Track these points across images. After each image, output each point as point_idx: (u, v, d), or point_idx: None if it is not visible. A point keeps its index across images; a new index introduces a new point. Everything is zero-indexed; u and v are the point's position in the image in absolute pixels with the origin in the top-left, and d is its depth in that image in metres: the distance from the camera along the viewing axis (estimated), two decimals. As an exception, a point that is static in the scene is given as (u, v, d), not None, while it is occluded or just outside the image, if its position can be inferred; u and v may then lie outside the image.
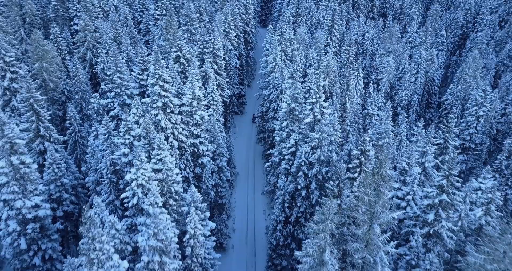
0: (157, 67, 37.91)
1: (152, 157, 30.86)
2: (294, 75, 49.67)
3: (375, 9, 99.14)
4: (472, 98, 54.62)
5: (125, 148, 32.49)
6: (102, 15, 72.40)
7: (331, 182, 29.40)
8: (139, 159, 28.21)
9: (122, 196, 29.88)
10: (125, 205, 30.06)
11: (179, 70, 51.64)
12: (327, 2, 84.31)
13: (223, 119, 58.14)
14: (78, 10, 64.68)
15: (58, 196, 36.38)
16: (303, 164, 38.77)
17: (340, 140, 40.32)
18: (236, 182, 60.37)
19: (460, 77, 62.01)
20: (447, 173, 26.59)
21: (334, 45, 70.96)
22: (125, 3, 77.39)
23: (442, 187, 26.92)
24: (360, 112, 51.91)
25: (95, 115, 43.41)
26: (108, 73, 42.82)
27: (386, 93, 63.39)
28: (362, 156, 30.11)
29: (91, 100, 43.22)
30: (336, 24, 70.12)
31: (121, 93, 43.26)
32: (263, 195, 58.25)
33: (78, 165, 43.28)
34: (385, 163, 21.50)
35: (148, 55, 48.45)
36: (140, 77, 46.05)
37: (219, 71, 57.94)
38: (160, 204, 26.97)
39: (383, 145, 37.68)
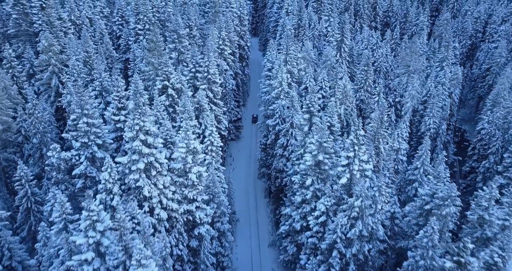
0: (137, 115, 26.29)
1: None
2: (312, 109, 38.62)
3: (378, 18, 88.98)
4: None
5: (88, 251, 20.81)
6: (74, 31, 60.02)
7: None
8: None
9: None
10: None
11: (167, 103, 40.03)
12: (329, 12, 73.57)
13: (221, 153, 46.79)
14: (42, 25, 52.27)
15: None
16: (338, 240, 27.76)
17: (387, 201, 29.46)
18: (236, 231, 48.80)
19: (495, 101, 52.03)
20: None
21: (344, 62, 60.22)
22: (101, 15, 65.03)
23: None
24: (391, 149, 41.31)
25: (54, 173, 31.45)
26: (72, 117, 30.93)
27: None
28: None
29: (49, 153, 31.22)
30: (346, 39, 59.41)
31: (90, 143, 31.40)
32: (270, 248, 47.00)
33: (33, 242, 31.33)
34: None
35: (127, 88, 36.74)
36: (116, 118, 34.28)
37: (215, 100, 46.48)
38: None
39: (446, 216, 26.92)
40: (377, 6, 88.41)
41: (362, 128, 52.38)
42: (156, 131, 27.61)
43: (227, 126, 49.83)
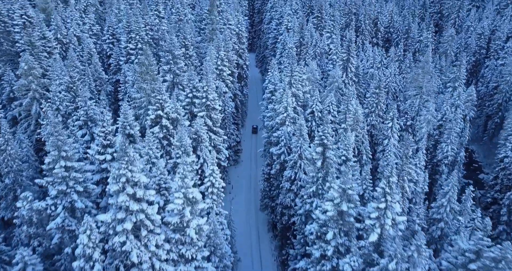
0: (123, 163, 20.96)
1: None
2: (325, 141, 33.60)
3: (379, 34, 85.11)
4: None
5: None
6: (60, 50, 54.77)
7: None
8: None
9: None
10: None
11: (161, 135, 34.73)
12: (331, 29, 69.30)
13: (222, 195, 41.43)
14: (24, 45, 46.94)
15: None
16: (369, 310, 22.42)
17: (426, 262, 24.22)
18: (238, 271, 43.31)
19: (515, 126, 47.61)
20: None
21: (350, 83, 55.60)
22: (90, 33, 59.90)
23: None
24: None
25: (25, 227, 25.83)
26: (47, 160, 25.46)
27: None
28: None
29: (18, 203, 25.62)
30: (352, 58, 54.90)
31: (69, 190, 25.92)
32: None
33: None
34: None
35: (115, 120, 31.51)
36: (101, 157, 28.87)
37: (215, 128, 41.32)
38: None
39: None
40: (378, 22, 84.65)
41: (373, 157, 48.01)
42: (146, 181, 22.24)
43: (227, 156, 44.56)
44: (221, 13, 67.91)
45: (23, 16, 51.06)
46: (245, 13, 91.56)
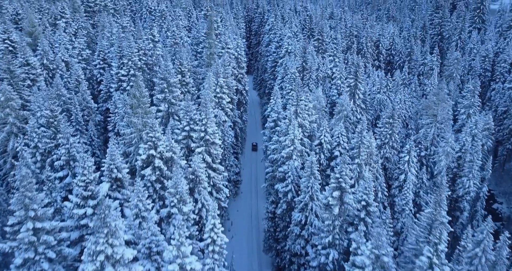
0: (101, 237, 15.96)
1: None
2: (343, 184, 28.91)
3: (381, 57, 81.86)
4: None
5: None
6: (46, 76, 50.23)
7: None
8: None
9: None
10: None
11: (154, 178, 29.79)
12: (334, 52, 65.67)
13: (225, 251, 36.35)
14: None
15: None
16: None
17: None
18: None
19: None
20: None
21: (358, 111, 51.39)
22: (80, 57, 55.53)
23: None
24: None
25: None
26: (10, 222, 20.36)
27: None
28: None
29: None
30: (360, 84, 50.86)
31: (38, 257, 20.73)
32: None
33: None
34: None
35: (98, 169, 26.68)
36: (81, 212, 23.80)
37: (214, 165, 36.48)
38: None
39: None
40: (380, 44, 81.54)
41: (387, 194, 43.32)
42: (132, 255, 17.20)
43: (228, 194, 39.60)
44: (219, 36, 64.21)
45: (6, 41, 46.77)
46: (243, 35, 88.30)
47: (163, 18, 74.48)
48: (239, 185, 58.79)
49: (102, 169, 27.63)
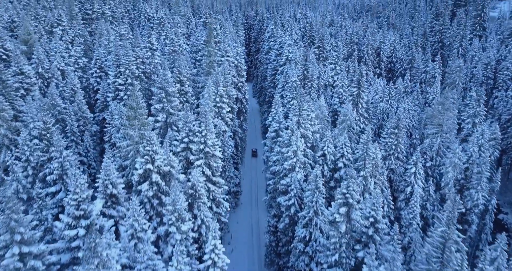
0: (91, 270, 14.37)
1: None
2: (350, 200, 27.41)
3: (383, 64, 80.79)
4: None
5: None
6: (42, 85, 48.81)
7: None
8: None
9: None
10: None
11: (151, 193, 28.20)
12: (336, 60, 64.51)
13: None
14: None
15: None
16: None
17: None
18: None
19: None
20: None
21: (362, 120, 50.03)
22: (76, 66, 54.17)
23: None
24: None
25: None
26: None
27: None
28: None
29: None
30: (363, 92, 49.56)
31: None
32: None
33: None
34: None
35: (94, 181, 25.12)
36: (72, 233, 22.17)
37: (214, 178, 34.93)
38: None
39: None
40: (381, 52, 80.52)
41: (393, 207, 41.81)
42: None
43: (228, 208, 37.99)
44: (218, 44, 63.04)
45: (-1, 49, 45.38)
46: (242, 42, 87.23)
47: (161, 26, 73.34)
48: (239, 196, 57.18)
49: (97, 184, 26.09)
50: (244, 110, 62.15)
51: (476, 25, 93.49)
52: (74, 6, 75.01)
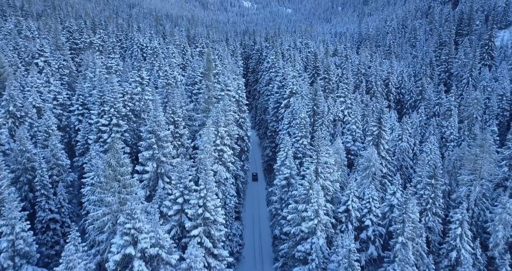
0: None
1: None
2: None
3: (391, 95, 74.81)
4: None
5: None
6: (12, 125, 41.30)
7: None
8: None
9: None
10: None
11: (131, 288, 20.17)
12: (345, 92, 58.12)
13: None
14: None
15: None
16: None
17: None
18: None
19: None
20: None
21: (384, 163, 42.77)
22: (55, 102, 46.86)
23: None
24: None
25: None
26: None
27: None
28: None
29: None
30: (385, 132, 42.61)
31: None
32: None
33: None
34: None
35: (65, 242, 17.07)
36: None
37: (216, 251, 26.95)
38: None
39: None
40: (390, 82, 74.71)
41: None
42: None
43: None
44: (217, 76, 56.42)
45: (-39, 86, 38.03)
46: (241, 73, 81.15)
47: (155, 56, 67.03)
48: (242, 250, 48.76)
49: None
50: (246, 149, 54.77)
51: (484, 54, 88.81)
52: (62, 35, 68.78)
